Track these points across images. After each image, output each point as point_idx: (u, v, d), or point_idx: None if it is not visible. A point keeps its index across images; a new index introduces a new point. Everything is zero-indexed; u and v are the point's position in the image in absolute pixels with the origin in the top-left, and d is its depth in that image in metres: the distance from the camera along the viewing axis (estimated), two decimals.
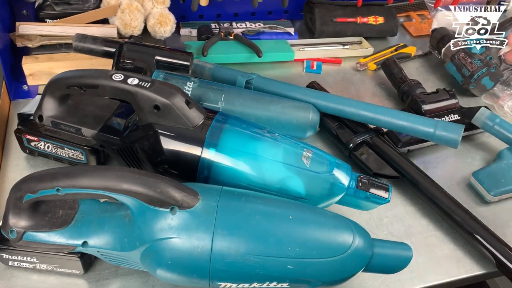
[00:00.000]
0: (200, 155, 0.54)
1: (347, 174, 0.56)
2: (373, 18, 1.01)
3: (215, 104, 0.69)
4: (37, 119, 0.61)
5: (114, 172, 0.45)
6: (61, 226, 0.49)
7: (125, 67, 0.71)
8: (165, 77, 0.71)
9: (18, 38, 0.81)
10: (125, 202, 0.45)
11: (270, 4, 1.04)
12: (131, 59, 0.71)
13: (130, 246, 0.47)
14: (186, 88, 0.69)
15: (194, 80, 0.71)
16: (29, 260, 0.52)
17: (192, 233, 0.45)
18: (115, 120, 0.62)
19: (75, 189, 0.45)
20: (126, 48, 0.72)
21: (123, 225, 0.48)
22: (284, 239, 0.46)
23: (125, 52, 0.72)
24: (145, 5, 0.89)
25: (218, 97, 0.69)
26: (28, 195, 0.46)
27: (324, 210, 0.51)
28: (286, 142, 0.57)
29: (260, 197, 0.49)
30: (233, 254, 0.45)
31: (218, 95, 0.70)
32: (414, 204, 0.67)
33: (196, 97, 0.69)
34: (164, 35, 0.91)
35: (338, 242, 0.47)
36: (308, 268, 0.46)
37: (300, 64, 0.94)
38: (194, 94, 0.69)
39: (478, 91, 0.87)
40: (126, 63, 0.71)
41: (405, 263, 0.49)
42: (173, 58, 0.73)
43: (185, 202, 0.45)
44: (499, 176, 0.68)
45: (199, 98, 0.69)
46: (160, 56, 0.73)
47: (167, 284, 0.53)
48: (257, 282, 0.46)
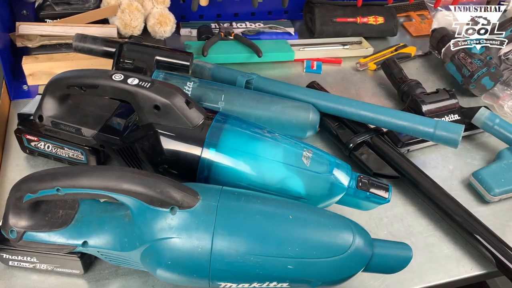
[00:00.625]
0: (200, 155, 0.54)
1: (347, 174, 0.56)
2: (373, 18, 1.01)
3: (215, 104, 0.69)
4: (37, 119, 0.61)
5: (114, 172, 0.45)
6: (61, 226, 0.49)
7: (125, 67, 0.71)
8: (165, 77, 0.71)
9: (18, 38, 0.81)
10: (125, 202, 0.45)
11: (270, 4, 1.04)
12: (131, 59, 0.71)
13: (130, 246, 0.47)
14: (186, 88, 0.69)
15: (194, 80, 0.71)
16: (29, 260, 0.52)
17: (192, 233, 0.45)
18: (115, 120, 0.62)
19: (75, 189, 0.45)
20: (126, 48, 0.72)
21: (123, 225, 0.48)
22: (284, 239, 0.46)
23: (125, 52, 0.71)
24: (145, 5, 0.89)
25: (218, 97, 0.69)
26: (28, 195, 0.46)
27: (324, 210, 0.51)
28: (286, 142, 0.57)
29: (260, 197, 0.49)
30: (233, 254, 0.45)
31: (218, 95, 0.70)
32: (414, 204, 0.67)
33: (196, 97, 0.69)
34: (164, 35, 0.91)
35: (338, 242, 0.47)
36: (308, 268, 0.46)
37: (300, 64, 0.94)
38: (194, 94, 0.69)
39: (478, 91, 0.87)
40: (126, 63, 0.71)
41: (405, 263, 0.49)
42: (173, 58, 0.73)
43: (185, 202, 0.45)
44: (499, 176, 0.68)
45: (199, 98, 0.69)
46: (160, 56, 0.73)
47: (167, 284, 0.53)
48: (257, 282, 0.46)
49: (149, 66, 0.72)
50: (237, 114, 0.62)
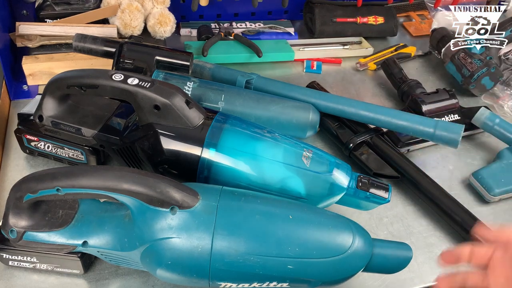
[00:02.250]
0: (200, 155, 0.54)
1: (347, 174, 0.56)
2: (373, 18, 1.01)
3: (215, 104, 0.69)
4: (37, 119, 0.61)
5: (114, 172, 0.45)
6: (61, 226, 0.50)
7: (125, 67, 0.71)
8: (165, 77, 0.71)
9: (18, 38, 0.81)
10: (125, 202, 0.45)
11: (270, 4, 1.04)
12: (131, 59, 0.71)
13: (130, 246, 0.47)
14: (186, 88, 0.69)
15: (194, 80, 0.71)
16: (29, 260, 0.52)
17: (192, 233, 0.45)
18: (115, 120, 0.62)
19: (75, 189, 0.45)
20: (126, 48, 0.72)
21: (123, 225, 0.48)
22: (284, 239, 0.46)
23: (125, 52, 0.71)
24: (145, 5, 0.89)
25: (218, 97, 0.69)
26: (28, 195, 0.46)
27: (324, 210, 0.51)
28: (286, 142, 0.57)
29: (260, 197, 0.49)
30: (233, 254, 0.45)
31: (218, 95, 0.70)
32: (414, 204, 0.67)
33: (196, 97, 0.69)
34: (164, 35, 0.91)
35: (338, 242, 0.47)
36: (308, 268, 0.46)
37: (300, 64, 0.94)
38: (194, 94, 0.69)
39: (478, 91, 0.87)
40: (126, 63, 0.71)
41: (405, 263, 0.49)
42: (173, 58, 0.73)
43: (185, 202, 0.45)
44: (499, 176, 0.68)
45: (199, 98, 0.69)
46: (160, 56, 0.72)
47: (167, 284, 0.53)
48: (257, 282, 0.46)
49: (149, 66, 0.72)
50: (237, 114, 0.62)
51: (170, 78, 0.71)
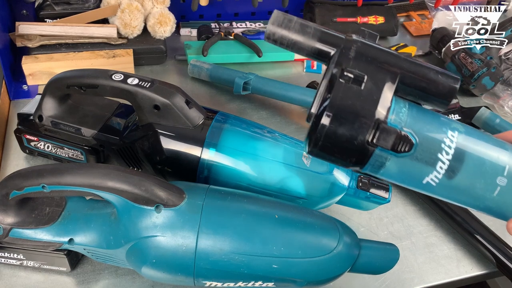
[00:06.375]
0: (200, 155, 0.54)
1: (347, 174, 0.56)
2: (373, 18, 1.01)
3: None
4: (37, 119, 0.61)
5: (99, 170, 0.45)
6: (47, 223, 0.49)
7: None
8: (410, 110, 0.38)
9: (18, 38, 0.80)
10: (110, 199, 0.45)
11: (270, 4, 1.04)
12: (360, 72, 0.37)
13: (116, 244, 0.47)
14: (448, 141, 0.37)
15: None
16: (16, 257, 0.51)
17: (177, 232, 0.45)
18: (115, 120, 0.62)
19: (61, 187, 0.44)
20: (355, 50, 0.41)
21: (109, 223, 0.48)
22: (269, 238, 0.45)
23: (352, 58, 0.40)
24: (145, 5, 0.89)
25: None
26: (14, 191, 0.46)
27: (311, 210, 0.50)
28: (286, 142, 0.57)
29: (246, 196, 0.49)
30: (218, 252, 0.44)
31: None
32: (414, 204, 0.67)
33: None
34: (164, 35, 0.91)
35: (324, 242, 0.46)
36: (293, 268, 0.45)
37: (300, 64, 0.94)
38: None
39: (478, 91, 0.87)
40: (347, 76, 0.37)
41: (391, 264, 0.48)
42: (427, 78, 0.38)
43: (170, 201, 0.45)
44: None
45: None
46: (408, 71, 0.39)
47: (163, 284, 0.53)
48: (242, 281, 0.46)
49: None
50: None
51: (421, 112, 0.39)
